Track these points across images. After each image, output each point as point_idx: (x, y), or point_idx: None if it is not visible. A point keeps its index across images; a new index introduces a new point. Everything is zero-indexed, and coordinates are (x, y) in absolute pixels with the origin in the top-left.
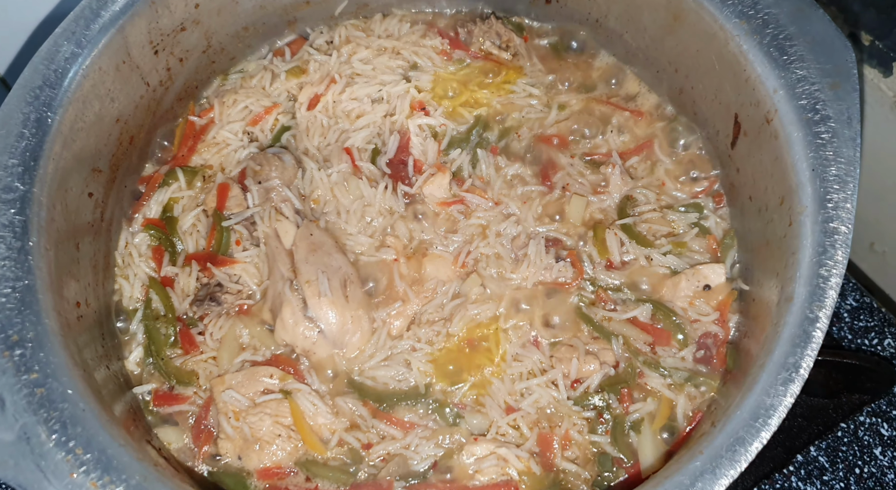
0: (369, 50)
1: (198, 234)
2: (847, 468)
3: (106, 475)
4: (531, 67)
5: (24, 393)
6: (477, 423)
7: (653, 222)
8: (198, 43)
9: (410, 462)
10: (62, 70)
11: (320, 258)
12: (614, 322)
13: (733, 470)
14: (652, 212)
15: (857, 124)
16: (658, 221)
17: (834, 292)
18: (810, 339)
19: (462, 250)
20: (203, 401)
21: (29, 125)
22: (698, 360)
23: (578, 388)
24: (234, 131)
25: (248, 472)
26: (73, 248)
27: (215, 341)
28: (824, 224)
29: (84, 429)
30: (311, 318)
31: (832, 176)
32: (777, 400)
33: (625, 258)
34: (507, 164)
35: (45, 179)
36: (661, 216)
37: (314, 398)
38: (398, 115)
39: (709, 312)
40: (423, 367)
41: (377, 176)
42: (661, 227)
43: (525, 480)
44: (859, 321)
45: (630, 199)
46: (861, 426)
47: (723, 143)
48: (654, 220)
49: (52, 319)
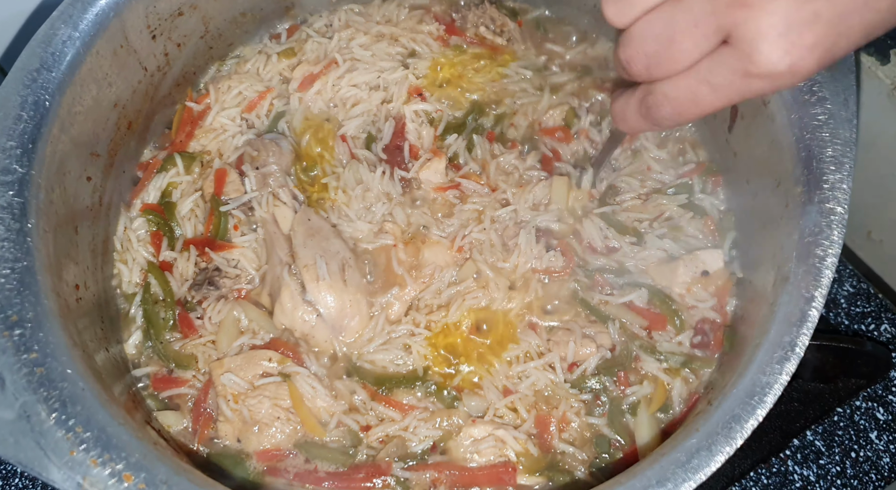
0: (368, 35)
1: (196, 220)
2: (843, 452)
3: (106, 453)
4: (524, 51)
5: (24, 372)
6: (475, 405)
7: (633, 211)
8: (195, 28)
9: (409, 444)
10: (59, 53)
11: (318, 242)
12: (611, 306)
13: (729, 447)
14: (635, 200)
15: (854, 105)
16: (638, 209)
17: (830, 272)
18: (806, 318)
19: (458, 234)
20: (202, 384)
21: (27, 108)
22: (695, 346)
23: (575, 371)
24: (230, 117)
25: (247, 454)
26: (71, 231)
27: (214, 325)
28: (820, 204)
29: (84, 407)
30: (310, 302)
31: (828, 157)
32: (773, 377)
33: (611, 244)
34: (501, 150)
35: (43, 162)
36: (642, 203)
37: (313, 381)
38: (395, 102)
39: (706, 299)
40: (422, 351)
41: (374, 162)
42: (643, 214)
43: (523, 461)
44: (856, 307)
45: (613, 187)
46: (857, 411)
47: (720, 127)
48: (635, 208)
49: (51, 300)
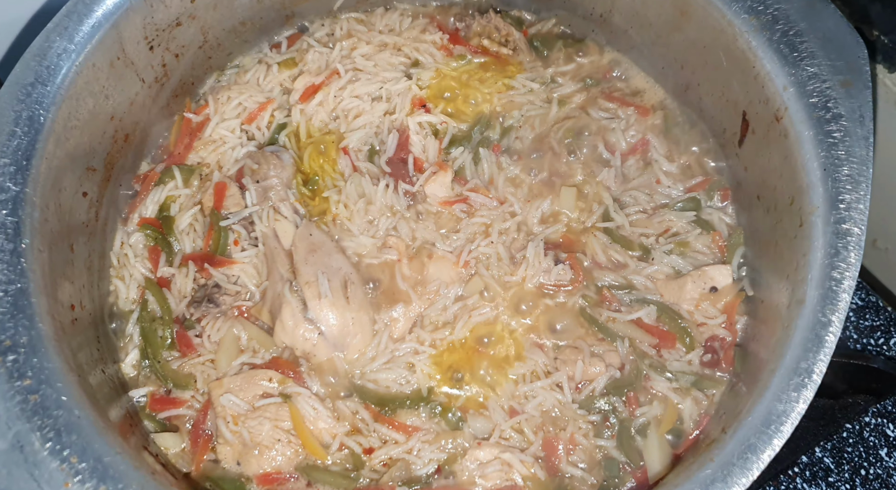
0: (370, 45)
1: (195, 234)
2: (853, 469)
3: (102, 484)
4: (531, 62)
5: (18, 400)
6: (480, 426)
7: (639, 225)
8: (194, 38)
9: (413, 467)
10: (54, 67)
11: (320, 258)
12: (619, 323)
13: (745, 478)
14: (639, 214)
15: (870, 123)
16: (643, 224)
17: (847, 296)
18: (823, 343)
19: (463, 249)
20: (201, 405)
21: (21, 123)
22: (705, 364)
23: (584, 390)
24: (230, 128)
25: (247, 477)
26: (67, 249)
27: (213, 344)
28: (836, 225)
29: (79, 436)
30: (312, 320)
31: (844, 176)
32: (789, 406)
33: (616, 259)
34: (509, 163)
35: (38, 179)
36: (647, 217)
37: (314, 402)
38: (398, 113)
39: (716, 315)
40: (426, 370)
41: (377, 175)
42: (649, 229)
43: (530, 486)
44: (865, 320)
45: (618, 201)
46: (867, 427)
47: (730, 141)
48: (640, 223)
49: (45, 323)
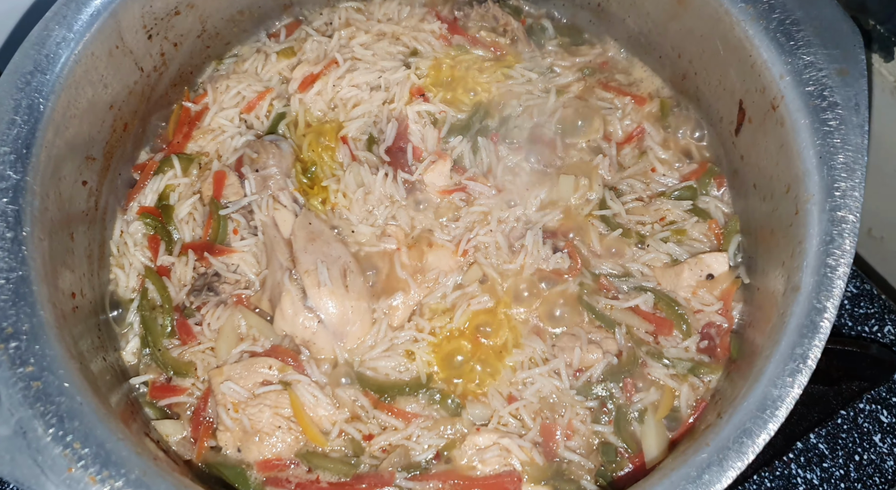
0: (369, 34)
1: (194, 223)
2: (847, 455)
3: (105, 469)
4: (529, 52)
5: (20, 386)
6: (479, 412)
7: (635, 213)
8: (192, 27)
9: (412, 453)
10: (53, 55)
11: (319, 247)
12: (616, 310)
13: (740, 462)
14: (636, 202)
15: (866, 111)
16: (640, 211)
17: (842, 282)
18: (818, 329)
19: (462, 237)
20: (201, 392)
21: (20, 112)
22: (701, 350)
23: (581, 377)
24: (229, 118)
25: (247, 463)
26: (67, 237)
27: (213, 332)
28: (832, 213)
29: (82, 423)
30: (311, 308)
31: (840, 164)
32: (784, 391)
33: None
34: (507, 151)
35: (38, 167)
36: (643, 206)
37: (314, 389)
38: (397, 103)
39: (712, 302)
40: (425, 358)
41: (376, 164)
42: (645, 217)
43: (528, 470)
44: (859, 308)
45: (614, 189)
46: (861, 413)
47: (726, 129)
48: (637, 211)
49: (46, 311)
